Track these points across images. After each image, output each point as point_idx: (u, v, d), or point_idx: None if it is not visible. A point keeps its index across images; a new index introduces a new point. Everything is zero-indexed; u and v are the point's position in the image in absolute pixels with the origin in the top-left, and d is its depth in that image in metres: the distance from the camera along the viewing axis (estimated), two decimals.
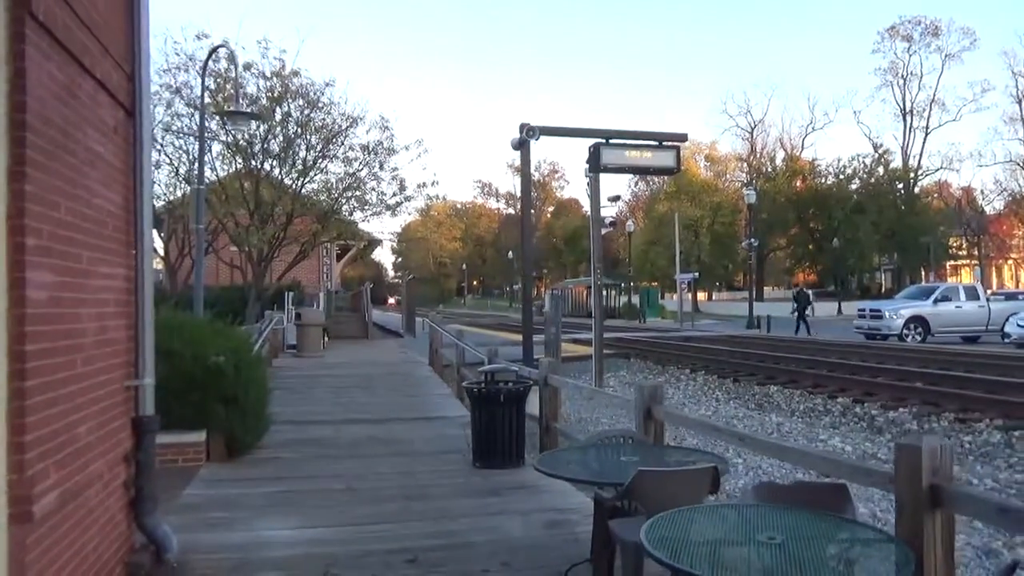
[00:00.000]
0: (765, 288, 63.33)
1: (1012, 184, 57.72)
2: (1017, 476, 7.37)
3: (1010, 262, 63.75)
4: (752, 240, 39.04)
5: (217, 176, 18.29)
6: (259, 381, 7.62)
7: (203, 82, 12.00)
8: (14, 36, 2.65)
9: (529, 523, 5.03)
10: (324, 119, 18.56)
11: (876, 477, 2.99)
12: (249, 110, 12.49)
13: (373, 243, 28.29)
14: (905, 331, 23.36)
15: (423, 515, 5.23)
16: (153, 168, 17.59)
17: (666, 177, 53.62)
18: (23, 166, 2.65)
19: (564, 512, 5.22)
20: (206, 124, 16.96)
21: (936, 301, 24.08)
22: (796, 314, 29.77)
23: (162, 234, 19.49)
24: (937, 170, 59.87)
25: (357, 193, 19.53)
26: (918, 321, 23.57)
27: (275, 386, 10.07)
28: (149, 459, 4.02)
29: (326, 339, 20.17)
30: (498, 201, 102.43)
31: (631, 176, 67.43)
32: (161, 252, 19.85)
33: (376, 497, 5.73)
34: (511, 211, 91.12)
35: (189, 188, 15.42)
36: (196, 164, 12.66)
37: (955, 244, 59.73)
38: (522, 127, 13.03)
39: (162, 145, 17.55)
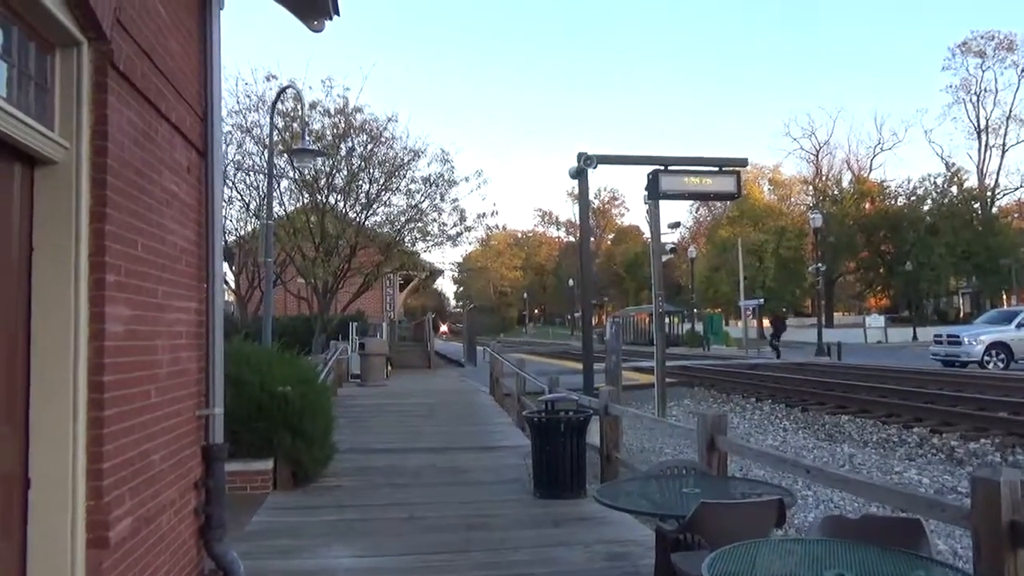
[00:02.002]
0: (835, 314, 61.46)
1: None
2: None
3: None
4: (819, 265, 38.01)
5: (285, 211, 18.90)
6: (324, 410, 7.76)
7: (271, 121, 12.49)
8: (97, 85, 2.83)
9: (591, 555, 4.97)
10: (386, 153, 19.03)
11: (950, 512, 2.86)
12: (315, 147, 12.90)
13: (435, 273, 28.67)
14: (986, 357, 22.31)
15: (484, 545, 5.22)
16: (225, 204, 18.42)
17: (729, 202, 52.98)
18: (104, 207, 2.81)
19: (626, 544, 5.14)
20: (274, 161, 17.65)
21: (1020, 326, 22.93)
22: (772, 339, 29.87)
23: (233, 267, 20.16)
24: (1017, 188, 57.51)
25: (419, 224, 19.88)
26: (1000, 347, 22.48)
27: (339, 415, 10.23)
28: (219, 486, 4.14)
29: (389, 368, 20.44)
30: (558, 229, 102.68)
31: (692, 202, 66.82)
32: (232, 285, 20.51)
33: (437, 526, 5.75)
34: (571, 239, 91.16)
35: (259, 223, 15.95)
36: (265, 200, 13.12)
37: None
38: (580, 156, 13.08)
39: (233, 182, 18.27)
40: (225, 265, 20.34)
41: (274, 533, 5.63)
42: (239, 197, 18.65)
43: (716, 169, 12.86)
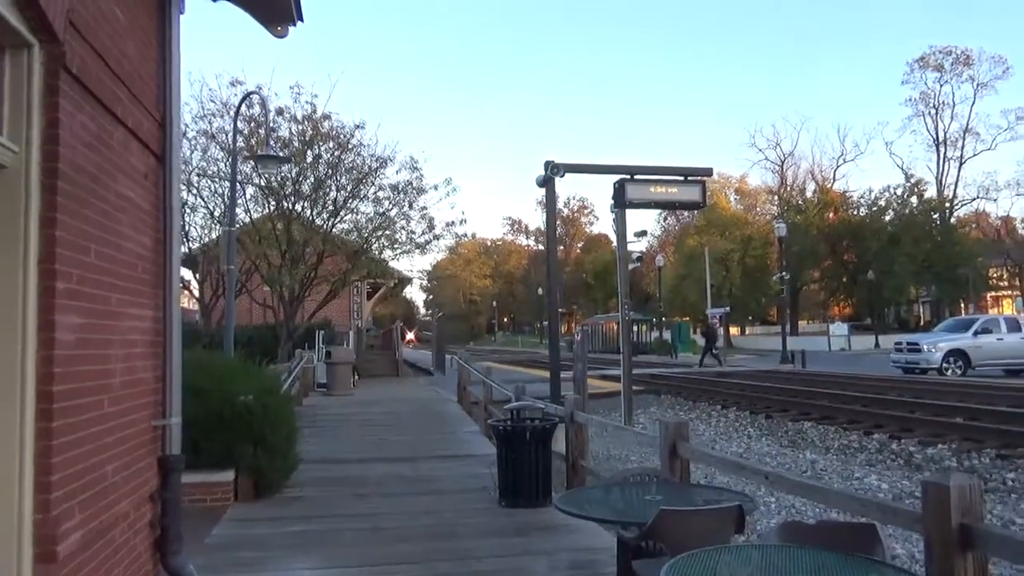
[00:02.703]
0: (800, 322, 62.37)
1: None
2: None
3: None
4: (783, 273, 38.59)
5: (250, 218, 18.68)
6: (288, 420, 7.67)
7: (235, 126, 12.34)
8: (48, 88, 2.77)
9: (555, 564, 4.97)
10: (354, 160, 18.93)
11: (903, 517, 2.91)
12: (280, 154, 12.79)
13: (403, 281, 28.52)
14: (944, 364, 22.81)
15: (448, 555, 5.19)
16: (188, 211, 18.20)
17: (695, 211, 53.54)
18: (55, 212, 2.74)
19: (590, 552, 5.14)
20: (240, 167, 17.43)
21: (976, 333, 23.50)
22: (705, 347, 31.91)
23: (197, 275, 19.87)
24: (973, 199, 59.02)
25: (387, 232, 19.80)
26: (958, 354, 23.00)
27: (304, 425, 10.13)
28: (175, 498, 4.06)
29: (356, 377, 20.28)
30: (528, 238, 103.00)
31: (660, 211, 67.46)
32: (196, 293, 20.21)
33: (402, 536, 5.70)
34: (540, 247, 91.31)
35: (222, 230, 15.76)
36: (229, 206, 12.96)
37: (995, 275, 58.42)
38: (547, 164, 13.12)
39: (198, 189, 18.03)
40: (188, 273, 20.09)
41: (235, 545, 5.53)
42: (203, 204, 18.42)
43: (682, 179, 12.98)
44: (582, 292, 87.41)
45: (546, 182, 13.29)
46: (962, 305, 53.82)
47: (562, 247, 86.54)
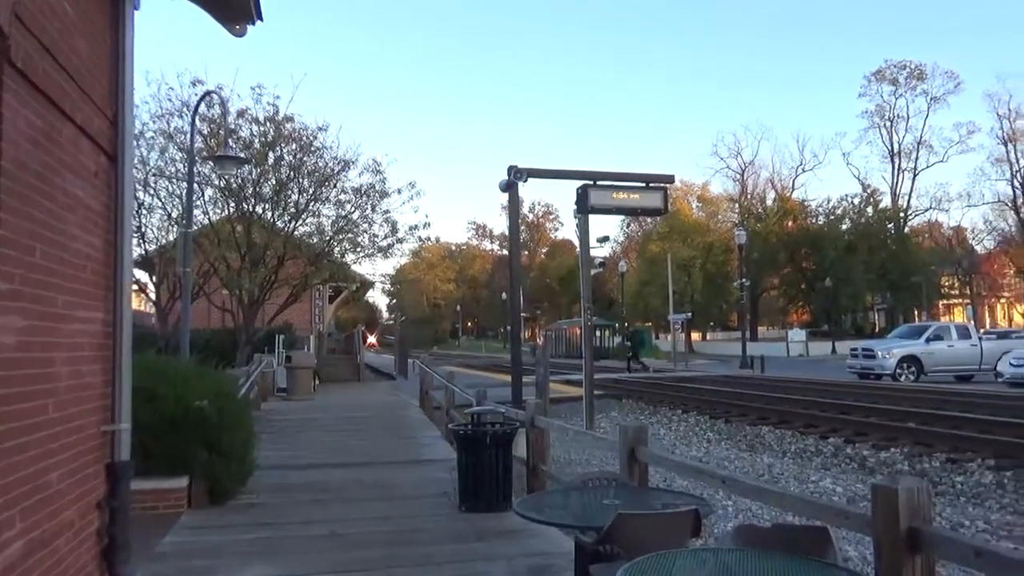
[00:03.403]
0: (760, 328, 63.35)
1: (1001, 224, 58.44)
2: (1008, 517, 7.30)
3: (1002, 301, 64.12)
4: (744, 280, 39.18)
5: (209, 220, 18.34)
6: (244, 425, 7.54)
7: (192, 126, 12.10)
8: None
9: (514, 569, 4.96)
10: (316, 163, 18.70)
11: (854, 520, 2.95)
12: (240, 154, 12.57)
13: (366, 285, 28.27)
14: (898, 370, 23.34)
15: (407, 561, 5.15)
16: (145, 212, 17.80)
17: (658, 218, 54.10)
18: None
19: (549, 557, 5.14)
20: (199, 168, 17.12)
21: (928, 340, 24.11)
22: (630, 353, 32.73)
23: (153, 277, 19.43)
24: (927, 210, 60.58)
25: (349, 236, 19.59)
26: (911, 360, 23.57)
27: (262, 430, 9.98)
28: (124, 506, 3.95)
29: (317, 382, 20.06)
30: (492, 242, 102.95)
31: (623, 217, 67.98)
32: (152, 295, 19.77)
33: (360, 543, 5.64)
34: (505, 252, 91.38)
35: (179, 232, 15.46)
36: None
37: (947, 283, 60.08)
38: (510, 169, 13.14)
39: (155, 189, 17.65)
40: (145, 275, 19.63)
41: (187, 553, 5.41)
42: (160, 205, 18.03)
43: (644, 185, 13.10)
44: (546, 297, 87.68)
45: (509, 187, 13.31)
46: (916, 313, 55.19)
47: (526, 252, 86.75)
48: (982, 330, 34.26)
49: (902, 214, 59.34)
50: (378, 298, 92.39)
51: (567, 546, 5.17)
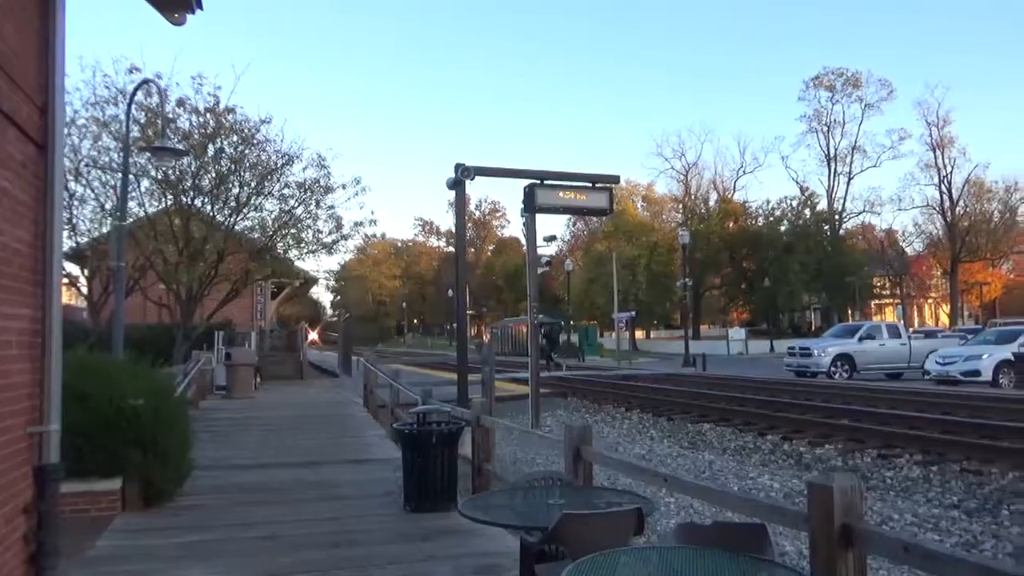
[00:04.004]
0: (701, 327, 64.59)
1: (930, 227, 60.87)
2: (935, 510, 7.59)
3: (930, 301, 66.84)
4: (687, 279, 39.88)
5: (146, 212, 17.79)
6: (180, 424, 7.33)
7: (128, 114, 11.66)
8: None
9: (459, 569, 4.94)
10: (259, 156, 18.32)
11: (790, 517, 3.02)
12: (177, 145, 12.20)
13: (310, 281, 27.83)
14: (833, 368, 24.07)
15: (350, 563, 5.08)
16: (77, 203, 17.16)
17: (604, 217, 54.67)
18: None
19: (495, 557, 5.13)
20: (136, 159, 16.57)
21: (861, 339, 24.93)
22: (547, 350, 32.79)
23: (86, 271, 18.74)
24: (860, 213, 62.69)
25: (292, 231, 19.26)
26: (845, 359, 24.33)
27: (200, 429, 9.74)
28: (52, 510, 3.81)
29: (258, 380, 19.66)
30: (439, 239, 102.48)
31: (570, 216, 68.48)
32: (85, 290, 19.07)
33: (300, 545, 5.53)
34: (451, 249, 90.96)
35: (112, 224, 14.95)
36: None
37: (879, 284, 62.34)
38: (457, 167, 13.10)
39: (87, 180, 17.02)
40: (76, 268, 18.93)
41: (120, 558, 5.24)
42: (94, 196, 17.39)
43: (590, 185, 13.22)
44: (492, 294, 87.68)
45: (456, 184, 13.27)
46: (849, 312, 57.06)
47: (473, 249, 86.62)
48: (911, 329, 35.62)
49: (837, 217, 61.27)
50: (322, 295, 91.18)
51: (513, 545, 5.17)
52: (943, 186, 58.86)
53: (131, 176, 16.51)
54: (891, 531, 5.09)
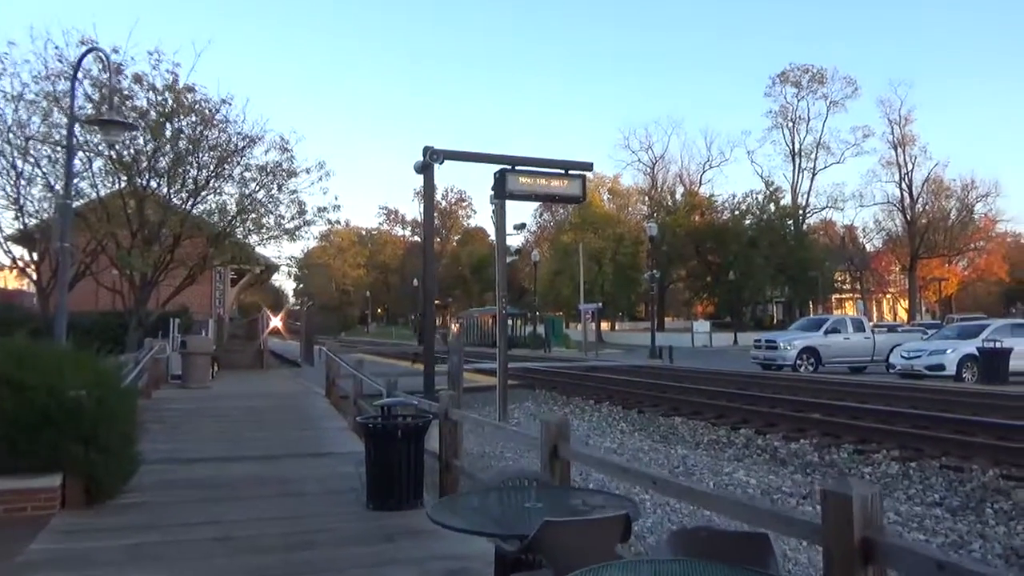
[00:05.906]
0: (666, 319, 64.97)
1: (889, 224, 61.99)
2: (917, 509, 7.44)
3: (888, 296, 68.13)
4: (653, 272, 39.92)
5: (98, 193, 17.04)
6: (128, 416, 6.85)
7: (73, 84, 10.97)
8: None
9: (425, 574, 4.60)
10: (219, 137, 17.65)
11: (799, 527, 2.74)
12: (128, 119, 11.55)
13: (271, 268, 27.12)
14: (798, 361, 24.21)
15: (308, 567, 4.72)
16: (24, 182, 16.36)
17: (571, 208, 54.59)
18: None
19: (464, 560, 4.80)
20: (90, 137, 15.83)
21: (827, 332, 25.11)
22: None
23: (34, 254, 17.91)
24: (823, 208, 63.62)
25: (253, 216, 18.63)
26: (810, 352, 24.48)
27: (151, 421, 9.26)
28: None
29: (216, 369, 19.04)
30: (404, 228, 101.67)
31: (536, 206, 68.46)
32: (33, 274, 18.23)
33: (254, 547, 5.14)
34: (417, 238, 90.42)
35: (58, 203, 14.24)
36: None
37: (840, 278, 63.32)
38: (426, 150, 12.68)
39: (35, 158, 16.23)
40: (24, 251, 18.09)
41: (57, 562, 4.80)
42: (42, 175, 16.59)
43: (563, 172, 12.91)
44: (458, 284, 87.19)
45: (424, 168, 12.86)
46: (811, 306, 57.85)
47: (439, 239, 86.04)
48: (873, 323, 36.13)
49: (801, 212, 62.04)
50: (284, 283, 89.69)
51: (484, 547, 4.84)
52: (904, 183, 59.98)
53: (83, 155, 15.79)
54: (922, 545, 4.81)
